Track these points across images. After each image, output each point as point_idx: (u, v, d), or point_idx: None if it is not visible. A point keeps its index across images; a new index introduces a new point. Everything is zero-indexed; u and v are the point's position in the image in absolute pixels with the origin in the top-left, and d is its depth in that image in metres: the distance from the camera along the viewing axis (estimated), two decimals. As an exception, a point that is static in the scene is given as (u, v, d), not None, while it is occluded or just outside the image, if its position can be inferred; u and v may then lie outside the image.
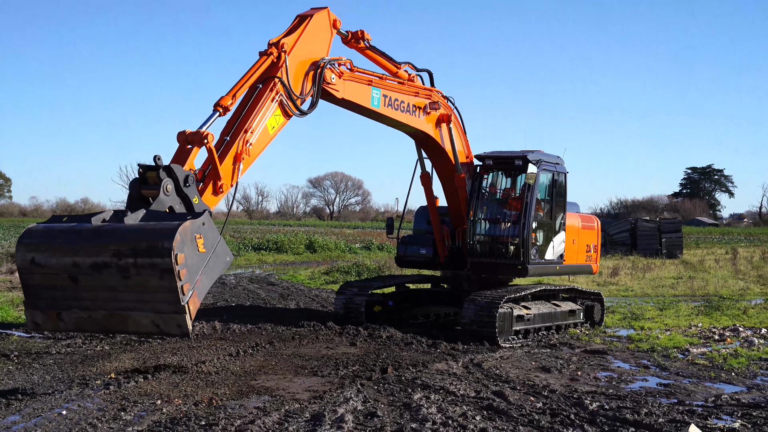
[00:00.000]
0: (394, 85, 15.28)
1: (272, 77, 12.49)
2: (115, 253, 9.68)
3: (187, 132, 11.31)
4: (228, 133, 12.12)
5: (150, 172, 10.63)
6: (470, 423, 9.04)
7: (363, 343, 14.47)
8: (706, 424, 9.21)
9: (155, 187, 10.55)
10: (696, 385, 11.75)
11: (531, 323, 15.61)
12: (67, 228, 10.22)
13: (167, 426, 8.63)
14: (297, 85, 13.03)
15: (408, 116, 15.50)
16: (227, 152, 11.85)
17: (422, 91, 15.92)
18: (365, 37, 15.00)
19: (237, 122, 12.21)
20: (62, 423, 8.72)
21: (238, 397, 10.12)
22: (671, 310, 20.61)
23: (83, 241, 9.90)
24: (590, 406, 10.01)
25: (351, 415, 9.18)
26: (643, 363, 13.51)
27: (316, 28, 13.54)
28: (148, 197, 10.62)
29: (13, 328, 15.67)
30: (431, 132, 16.11)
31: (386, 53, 15.56)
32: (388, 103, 14.96)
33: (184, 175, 10.81)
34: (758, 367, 13.25)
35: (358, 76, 14.31)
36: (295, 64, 12.94)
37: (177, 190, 10.75)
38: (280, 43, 12.68)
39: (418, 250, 17.64)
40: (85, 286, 9.94)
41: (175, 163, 11.03)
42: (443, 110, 16.27)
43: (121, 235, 9.79)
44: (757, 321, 18.49)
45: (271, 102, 12.44)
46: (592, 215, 19.80)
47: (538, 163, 16.23)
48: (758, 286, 27.39)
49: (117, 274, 9.72)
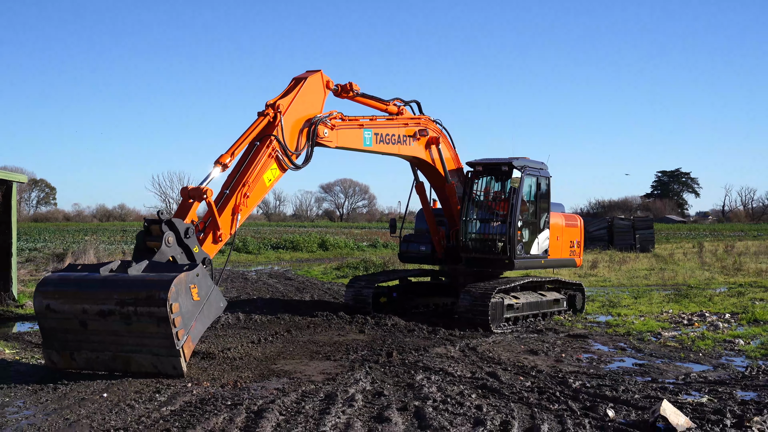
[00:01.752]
0: (384, 122, 15.33)
1: (269, 135, 12.47)
2: (119, 302, 9.97)
3: (189, 187, 11.56)
4: (228, 186, 12.25)
5: (154, 225, 10.82)
6: (467, 400, 9.04)
7: (370, 331, 14.48)
8: (677, 400, 9.20)
9: (159, 238, 10.71)
10: (667, 365, 11.76)
11: (520, 311, 15.61)
12: (78, 277, 10.53)
13: (197, 406, 8.64)
14: (293, 142, 13.02)
15: (399, 146, 15.57)
16: (227, 204, 11.98)
17: (411, 121, 15.96)
18: (353, 88, 14.95)
19: (236, 177, 12.28)
20: (104, 404, 8.73)
21: (260, 380, 10.13)
22: (645, 298, 20.60)
23: (91, 290, 10.21)
24: (573, 384, 10.01)
25: (360, 395, 9.19)
26: (620, 345, 13.51)
27: (310, 90, 13.57)
28: (153, 248, 10.76)
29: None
30: (422, 155, 16.15)
31: (374, 96, 15.56)
32: (379, 139, 15.02)
33: (185, 228, 11.04)
34: (723, 348, 13.24)
35: (349, 123, 14.38)
36: (290, 122, 13.00)
37: (178, 242, 10.95)
38: (276, 104, 12.71)
39: (419, 247, 17.65)
40: (93, 330, 10.25)
41: (178, 216, 11.29)
42: (432, 134, 16.30)
43: (124, 285, 10.07)
44: (722, 307, 18.47)
45: (267, 158, 12.47)
46: (575, 214, 19.78)
47: (522, 169, 16.30)
48: (722, 276, 27.35)
49: (120, 321, 10.02)
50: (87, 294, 10.23)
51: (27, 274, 25.17)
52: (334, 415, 8.23)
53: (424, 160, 16.28)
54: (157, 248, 10.72)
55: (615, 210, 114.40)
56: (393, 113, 15.84)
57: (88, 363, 10.49)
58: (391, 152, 15.52)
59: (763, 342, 13.64)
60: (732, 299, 20.12)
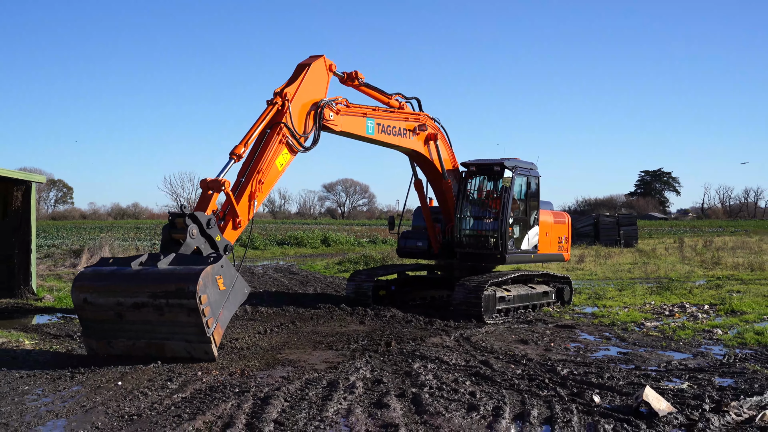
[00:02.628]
0: (386, 114, 15.30)
1: (278, 123, 12.50)
2: (151, 295, 10.15)
3: (208, 180, 11.62)
4: (243, 174, 12.27)
5: (178, 219, 10.93)
6: (461, 387, 9.05)
7: (370, 322, 14.48)
8: (659, 386, 9.21)
9: (183, 231, 10.83)
10: (650, 353, 11.76)
11: (511, 303, 15.61)
12: (111, 272, 10.65)
13: (207, 393, 8.64)
14: (300, 125, 13.04)
15: (399, 138, 15.55)
16: (243, 192, 12.05)
17: (411, 116, 15.94)
18: (359, 77, 14.99)
19: (250, 165, 12.31)
20: (118, 392, 8.72)
21: (266, 368, 10.12)
22: (628, 290, 20.62)
23: (125, 283, 10.37)
24: (561, 372, 10.02)
25: (361, 382, 9.19)
26: (605, 335, 13.52)
27: (315, 75, 13.53)
28: (178, 240, 10.92)
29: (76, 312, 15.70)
30: (421, 149, 16.14)
31: (378, 87, 15.57)
32: (381, 129, 15.00)
33: (207, 219, 11.15)
34: (702, 337, 13.25)
35: (353, 111, 14.35)
36: (297, 107, 12.99)
37: (201, 232, 11.07)
38: (283, 92, 12.71)
39: (416, 243, 17.66)
40: (129, 320, 10.47)
41: (199, 207, 11.44)
42: (430, 130, 16.29)
43: (155, 278, 10.21)
44: (701, 299, 18.48)
45: (278, 144, 12.52)
46: (563, 212, 19.77)
47: (513, 169, 16.32)
48: (701, 270, 27.38)
49: (153, 312, 10.22)
50: (121, 287, 10.39)
51: (45, 269, 25.17)
52: (336, 402, 8.23)
53: (422, 155, 16.26)
54: (182, 240, 10.87)
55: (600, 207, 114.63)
56: (394, 107, 15.82)
57: (125, 350, 10.69)
58: (392, 143, 15.47)
59: (740, 332, 13.65)
60: (710, 291, 20.13)
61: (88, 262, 26.92)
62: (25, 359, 10.66)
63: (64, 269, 25.99)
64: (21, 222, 18.06)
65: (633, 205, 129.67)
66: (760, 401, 8.44)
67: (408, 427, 7.38)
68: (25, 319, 14.99)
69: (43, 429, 7.34)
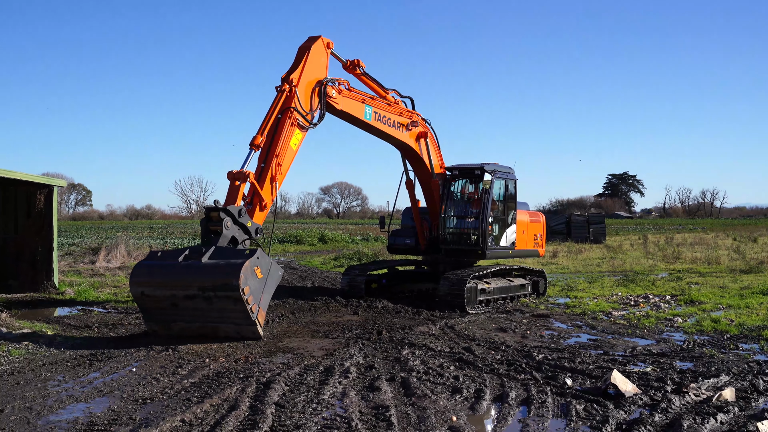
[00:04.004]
0: (383, 105, 15.24)
1: (288, 108, 12.54)
2: (200, 288, 10.65)
3: (234, 172, 11.80)
4: (263, 160, 12.37)
5: (213, 213, 11.37)
6: (446, 371, 9.04)
7: (363, 312, 14.45)
8: (626, 369, 9.23)
9: (219, 223, 11.27)
10: (617, 340, 11.79)
11: (491, 295, 15.61)
12: (162, 267, 11.07)
13: (214, 378, 8.61)
14: (307, 103, 13.10)
15: (394, 130, 15.47)
16: (265, 176, 12.21)
17: (405, 112, 15.89)
18: (360, 65, 15.02)
19: (268, 150, 12.39)
20: (132, 378, 8.69)
21: (268, 356, 10.09)
22: (597, 283, 20.67)
23: (176, 278, 10.84)
24: (537, 357, 10.03)
25: (355, 368, 9.17)
26: (576, 323, 13.54)
27: (315, 56, 13.50)
28: (216, 230, 11.34)
29: (94, 306, 15.63)
30: (413, 144, 16.08)
31: (377, 80, 15.47)
32: (377, 118, 14.94)
33: (237, 210, 11.48)
34: (664, 325, 13.30)
35: (353, 95, 14.34)
36: (303, 87, 13.06)
37: (234, 221, 11.39)
38: (289, 78, 12.77)
39: (404, 241, 17.64)
40: (183, 308, 10.95)
41: (229, 199, 11.69)
42: (421, 128, 16.24)
43: (202, 273, 10.63)
44: (663, 290, 18.55)
45: (290, 127, 12.61)
46: (538, 212, 19.80)
47: (493, 173, 16.33)
48: (663, 264, 27.48)
49: (203, 301, 10.73)
50: (173, 282, 10.85)
51: (66, 266, 25.03)
52: (332, 386, 8.22)
53: (413, 151, 16.19)
54: (218, 231, 11.25)
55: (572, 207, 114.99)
56: (390, 102, 15.71)
57: (181, 331, 11.14)
58: (387, 132, 15.35)
59: (698, 320, 13.70)
60: (672, 283, 20.21)
61: (105, 259, 26.80)
62: (48, 348, 10.60)
63: (83, 266, 25.84)
64: (44, 222, 17.99)
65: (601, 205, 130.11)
66: (716, 383, 8.48)
67: (398, 409, 7.37)
68: (48, 312, 14.90)
69: (64, 412, 7.29)
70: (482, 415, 7.36)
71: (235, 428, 6.67)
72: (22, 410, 7.32)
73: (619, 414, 7.22)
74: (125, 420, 6.95)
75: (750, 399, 7.84)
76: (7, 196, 18.19)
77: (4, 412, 7.26)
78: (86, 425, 6.79)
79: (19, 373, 8.95)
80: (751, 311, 14.66)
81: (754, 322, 13.27)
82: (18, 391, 8.04)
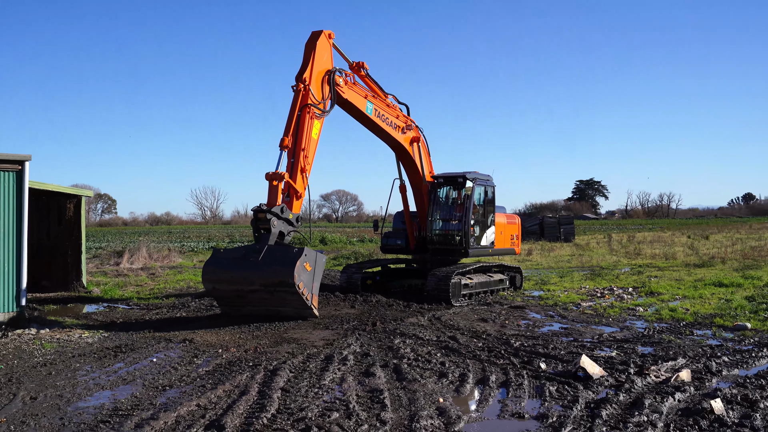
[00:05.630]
0: (383, 105, 15.19)
1: (306, 105, 12.77)
2: (261, 285, 11.71)
3: (270, 173, 12.20)
4: (292, 155, 12.63)
5: (260, 214, 12.04)
6: (433, 358, 9.03)
7: (359, 306, 14.40)
8: (593, 354, 9.24)
9: (266, 222, 11.97)
10: (585, 328, 11.79)
11: (473, 289, 15.60)
12: (227, 266, 11.95)
13: (226, 366, 8.57)
14: (318, 92, 13.25)
15: (391, 129, 15.41)
16: (296, 170, 12.55)
17: (401, 116, 15.84)
18: (364, 66, 14.98)
19: (294, 146, 12.63)
20: (153, 367, 8.64)
21: (275, 345, 10.05)
22: (568, 277, 20.69)
23: (240, 276, 11.79)
24: (514, 344, 10.02)
25: (352, 356, 9.14)
26: (549, 314, 13.54)
27: (321, 50, 13.45)
28: (265, 228, 12.03)
29: (118, 303, 15.55)
30: (407, 146, 16.00)
31: (378, 83, 15.37)
32: (377, 114, 14.91)
33: (280, 209, 12.10)
34: (627, 314, 13.32)
35: (358, 89, 14.34)
36: (314, 79, 13.10)
37: (278, 218, 12.09)
38: (302, 78, 12.91)
39: (396, 242, 17.60)
40: (249, 298, 12.00)
41: (271, 198, 12.17)
42: (415, 134, 16.20)
43: (262, 273, 11.59)
44: (626, 283, 18.59)
45: (310, 120, 12.84)
46: (515, 214, 19.80)
47: (474, 180, 16.31)
48: (626, 259, 27.54)
49: (266, 294, 11.80)
50: (238, 279, 11.84)
51: (93, 267, 24.89)
52: (331, 372, 8.18)
53: (407, 153, 16.10)
54: (267, 229, 11.97)
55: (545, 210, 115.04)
56: (389, 104, 15.58)
57: (250, 313, 12.19)
58: (384, 129, 15.22)
59: (657, 309, 13.74)
60: (633, 277, 20.25)
61: (129, 261, 26.68)
62: (77, 342, 10.53)
63: (108, 267, 25.70)
64: (73, 229, 17.93)
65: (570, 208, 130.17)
66: (674, 365, 8.49)
67: (390, 392, 7.34)
68: (77, 308, 14.81)
69: (91, 399, 7.24)
70: (466, 396, 7.34)
71: (245, 411, 6.63)
72: (54, 397, 7.27)
73: (587, 394, 7.22)
74: (147, 405, 6.90)
75: (704, 379, 7.86)
76: (40, 206, 18.10)
77: (38, 399, 7.21)
78: (111, 410, 6.74)
79: (51, 364, 8.89)
80: (704, 301, 14.71)
81: (707, 311, 13.32)
82: (50, 381, 7.99)
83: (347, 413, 6.53)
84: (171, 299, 15.93)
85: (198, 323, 12.15)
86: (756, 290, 16.20)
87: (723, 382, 7.79)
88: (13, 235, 12.32)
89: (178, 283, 19.75)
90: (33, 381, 7.99)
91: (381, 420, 6.34)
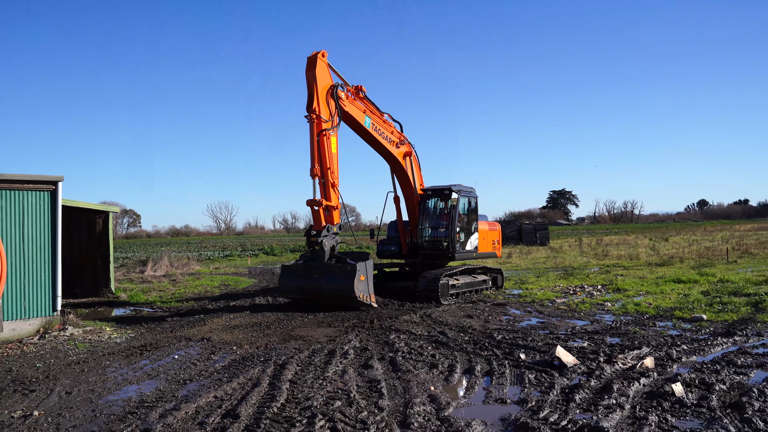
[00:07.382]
0: (380, 121, 15.23)
1: (322, 131, 12.89)
2: (327, 296, 13.16)
3: (309, 200, 12.80)
4: (321, 176, 12.91)
5: (312, 237, 12.99)
6: (425, 351, 9.01)
7: (359, 306, 14.38)
8: (567, 345, 9.24)
9: (318, 243, 12.90)
10: (560, 322, 11.79)
11: (460, 289, 15.59)
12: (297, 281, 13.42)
13: (240, 362, 8.54)
14: (326, 110, 13.27)
15: (386, 143, 15.44)
16: (328, 188, 12.98)
17: (396, 132, 15.86)
18: (362, 89, 14.96)
19: (321, 167, 12.86)
20: (175, 363, 8.60)
21: (283, 342, 10.02)
22: (544, 277, 20.70)
23: (307, 288, 13.33)
24: (497, 337, 10.02)
25: (352, 350, 9.13)
26: (528, 310, 13.54)
27: (320, 72, 13.39)
28: (317, 244, 12.93)
29: (143, 306, 15.48)
30: (401, 160, 16.01)
31: (375, 103, 15.37)
32: (375, 128, 14.96)
33: (326, 228, 12.95)
34: (597, 309, 13.33)
35: (357, 105, 14.39)
36: (321, 99, 13.20)
37: (325, 235, 12.92)
38: (312, 108, 13.02)
39: (390, 248, 17.59)
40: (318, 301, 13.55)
41: (316, 222, 13.04)
42: (407, 149, 16.22)
43: (327, 289, 13.06)
44: (596, 281, 18.61)
45: (328, 141, 13.02)
46: (496, 222, 19.83)
47: (459, 192, 16.34)
48: (595, 260, 27.58)
49: (332, 298, 13.15)
50: (305, 293, 13.41)
51: (121, 275, 24.77)
52: (334, 365, 8.16)
53: (401, 166, 16.11)
54: (318, 245, 12.90)
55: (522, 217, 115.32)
56: (384, 121, 15.59)
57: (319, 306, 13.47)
58: (381, 143, 15.24)
59: (623, 304, 13.75)
60: (602, 275, 20.28)
61: (152, 269, 26.55)
62: (107, 342, 10.48)
63: (134, 274, 25.57)
64: (102, 241, 17.88)
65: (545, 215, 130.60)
66: (639, 353, 8.50)
67: (387, 382, 7.33)
68: (106, 312, 14.73)
69: (120, 392, 7.20)
70: (455, 384, 7.33)
71: (258, 401, 6.61)
72: (86, 392, 7.23)
73: (562, 381, 7.22)
74: (169, 397, 6.87)
75: (666, 366, 7.87)
76: (72, 221, 18.05)
77: (72, 393, 7.17)
78: (138, 402, 6.71)
79: (83, 362, 8.84)
80: (665, 296, 14.74)
81: (668, 305, 13.34)
82: (83, 377, 7.95)
83: (348, 401, 6.51)
84: (190, 303, 15.87)
85: (214, 324, 12.10)
86: (710, 286, 16.25)
87: (683, 368, 7.80)
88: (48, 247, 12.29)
89: (197, 288, 19.69)
90: (68, 377, 7.95)
91: (379, 407, 6.33)
